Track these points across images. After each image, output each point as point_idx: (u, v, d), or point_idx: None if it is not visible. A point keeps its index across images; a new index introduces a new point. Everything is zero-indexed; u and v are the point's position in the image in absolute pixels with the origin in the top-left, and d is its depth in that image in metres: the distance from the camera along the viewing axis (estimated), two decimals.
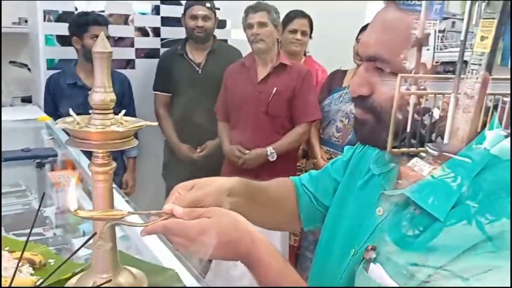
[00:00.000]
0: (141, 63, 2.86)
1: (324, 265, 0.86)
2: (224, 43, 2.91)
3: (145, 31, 3.08)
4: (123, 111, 0.72)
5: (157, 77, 2.72)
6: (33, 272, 0.89)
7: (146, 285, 0.78)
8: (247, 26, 2.30)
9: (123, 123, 0.70)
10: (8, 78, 3.39)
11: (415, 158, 0.68)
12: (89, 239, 0.66)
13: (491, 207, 0.59)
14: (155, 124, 0.72)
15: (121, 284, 0.73)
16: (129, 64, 2.86)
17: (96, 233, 0.68)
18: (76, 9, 2.61)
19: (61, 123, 0.69)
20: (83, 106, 0.97)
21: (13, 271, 0.71)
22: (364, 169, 0.85)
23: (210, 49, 2.65)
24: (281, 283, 0.69)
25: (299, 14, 2.64)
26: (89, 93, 0.70)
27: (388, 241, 0.67)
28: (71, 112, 0.70)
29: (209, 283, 1.00)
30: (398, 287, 0.62)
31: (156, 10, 2.91)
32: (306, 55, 2.79)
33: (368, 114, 0.72)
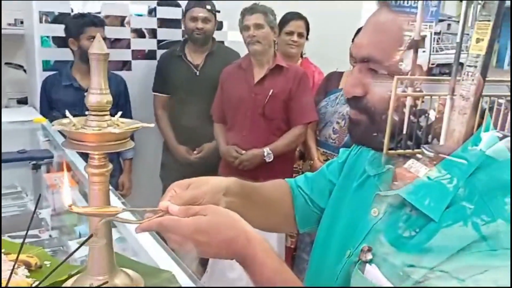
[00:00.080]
0: (137, 65, 2.85)
1: (320, 266, 0.86)
2: (223, 45, 2.91)
3: (141, 33, 3.09)
4: (120, 113, 0.72)
5: (156, 78, 2.72)
6: (28, 274, 0.88)
7: (142, 286, 0.78)
8: (244, 28, 2.30)
9: (119, 124, 0.70)
10: (3, 79, 3.37)
11: (411, 159, 0.69)
12: (85, 241, 0.66)
13: (485, 207, 0.59)
14: (151, 125, 0.72)
15: (118, 285, 0.73)
16: (126, 65, 2.85)
17: (92, 235, 0.68)
18: (72, 10, 2.60)
19: (57, 125, 0.68)
20: (79, 107, 0.97)
21: (9, 273, 0.71)
22: (359, 171, 0.86)
23: (209, 51, 2.64)
24: (277, 282, 0.68)
25: (296, 16, 2.64)
26: (85, 95, 0.70)
27: (383, 242, 0.67)
28: (67, 113, 0.70)
29: (204, 285, 1.00)
30: (393, 287, 0.63)
31: (153, 12, 2.91)
32: (302, 57, 2.79)
33: (362, 114, 0.73)
